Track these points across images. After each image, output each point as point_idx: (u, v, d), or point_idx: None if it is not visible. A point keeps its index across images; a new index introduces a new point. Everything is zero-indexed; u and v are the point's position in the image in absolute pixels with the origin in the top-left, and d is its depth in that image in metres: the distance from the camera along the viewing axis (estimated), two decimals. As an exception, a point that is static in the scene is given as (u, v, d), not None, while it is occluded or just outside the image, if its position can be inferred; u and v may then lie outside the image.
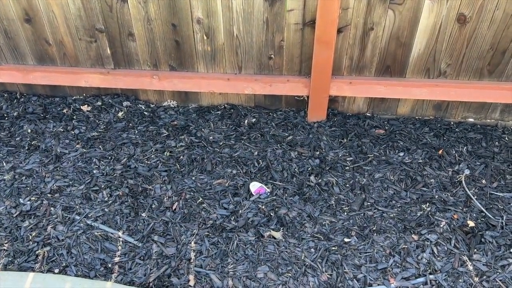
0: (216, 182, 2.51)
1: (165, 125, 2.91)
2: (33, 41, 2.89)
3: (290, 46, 2.70)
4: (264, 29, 2.64)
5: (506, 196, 2.42)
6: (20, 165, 2.61)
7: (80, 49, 2.89)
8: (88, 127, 2.89)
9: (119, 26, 2.75)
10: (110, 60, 2.92)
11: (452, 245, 2.17)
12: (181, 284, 2.04)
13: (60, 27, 2.80)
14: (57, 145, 2.74)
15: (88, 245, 2.20)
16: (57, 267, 2.12)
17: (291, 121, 2.92)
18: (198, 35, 2.72)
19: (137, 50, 2.84)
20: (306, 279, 2.05)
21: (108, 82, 2.98)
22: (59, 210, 2.35)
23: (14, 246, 2.19)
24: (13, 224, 2.29)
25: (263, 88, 2.84)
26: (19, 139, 2.80)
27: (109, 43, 2.83)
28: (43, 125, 2.91)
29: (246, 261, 2.13)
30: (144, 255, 2.16)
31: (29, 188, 2.47)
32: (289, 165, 2.60)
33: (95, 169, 2.59)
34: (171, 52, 2.82)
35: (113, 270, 2.11)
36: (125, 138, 2.80)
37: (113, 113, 3.00)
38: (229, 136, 2.81)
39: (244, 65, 2.82)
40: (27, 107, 3.07)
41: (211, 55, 2.79)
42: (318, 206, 2.37)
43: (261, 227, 2.26)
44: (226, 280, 2.06)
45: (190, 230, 2.27)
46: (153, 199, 2.42)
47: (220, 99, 3.05)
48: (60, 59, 2.96)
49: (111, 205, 2.38)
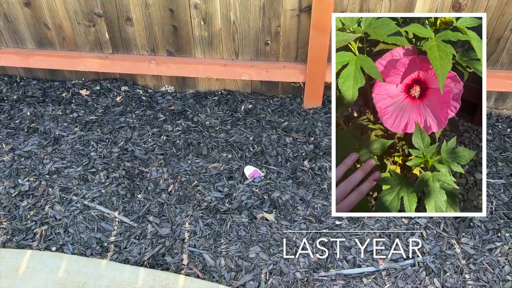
0: (211, 166, 2.56)
1: (162, 109, 2.95)
2: (33, 25, 2.92)
3: (286, 32, 2.72)
4: (261, 14, 2.66)
5: (496, 182, 2.45)
6: (19, 147, 2.65)
7: (79, 33, 2.91)
8: (86, 111, 2.93)
9: (117, 11, 2.77)
10: (108, 45, 2.95)
11: (441, 229, 2.21)
12: (175, 263, 2.09)
13: (59, 11, 2.82)
14: (55, 128, 2.78)
15: (85, 225, 2.25)
16: (54, 245, 2.17)
17: (287, 107, 2.95)
18: (195, 21, 2.74)
19: (135, 35, 2.87)
20: (297, 259, 2.10)
21: (107, 67, 3.01)
22: (57, 191, 2.40)
23: (12, 225, 2.24)
24: (12, 204, 2.34)
25: (259, 74, 2.86)
26: (18, 122, 2.84)
27: (107, 27, 2.86)
28: (42, 108, 2.95)
29: (239, 241, 2.17)
30: (139, 235, 2.21)
31: (27, 169, 2.52)
32: (284, 150, 2.64)
33: (92, 151, 2.63)
34: (169, 37, 2.85)
35: (108, 249, 2.16)
36: (123, 122, 2.84)
37: (111, 97, 3.04)
38: (225, 122, 2.85)
39: (241, 51, 2.84)
40: (27, 90, 3.10)
41: (208, 40, 2.82)
42: (311, 190, 2.41)
43: (254, 209, 2.31)
44: (219, 259, 2.11)
45: (184, 212, 2.31)
46: (149, 181, 2.47)
47: (218, 85, 3.08)
48: (59, 43, 2.99)
49: (107, 187, 2.43)
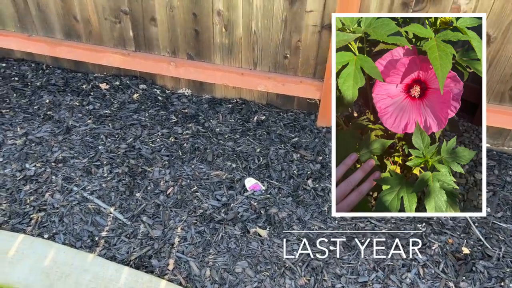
0: (214, 173, 2.53)
1: (175, 111, 2.95)
2: (62, 16, 3.00)
3: (306, 47, 2.68)
4: (282, 27, 2.63)
5: (509, 227, 2.31)
6: (32, 132, 2.72)
7: (105, 28, 2.97)
8: (102, 104, 2.98)
9: (142, 10, 2.81)
10: (131, 42, 3.00)
11: (440, 269, 2.09)
12: (160, 266, 2.07)
13: (88, 5, 2.89)
14: (70, 117, 2.84)
15: (80, 217, 2.26)
16: (47, 233, 2.19)
17: (300, 123, 2.89)
18: (217, 27, 2.74)
19: (158, 36, 2.90)
20: (283, 280, 2.03)
21: (128, 64, 3.05)
22: (59, 179, 2.44)
23: (11, 207, 2.29)
24: (15, 187, 2.39)
25: (275, 87, 2.83)
26: (36, 108, 2.92)
27: (132, 25, 2.90)
28: (61, 97, 3.02)
29: (228, 254, 2.13)
30: (130, 233, 2.21)
31: (36, 154, 2.57)
32: (289, 166, 2.58)
33: (100, 145, 2.66)
34: (190, 40, 2.86)
35: (98, 244, 2.16)
36: (135, 120, 2.86)
37: (128, 94, 3.07)
38: (235, 130, 2.82)
39: (260, 62, 2.82)
40: (50, 78, 3.19)
41: (228, 48, 2.81)
42: (310, 210, 2.34)
43: (249, 223, 2.26)
44: (205, 269, 2.07)
45: (179, 216, 2.29)
46: (150, 181, 2.47)
47: (234, 93, 3.07)
48: (86, 36, 3.06)
49: (108, 181, 2.44)
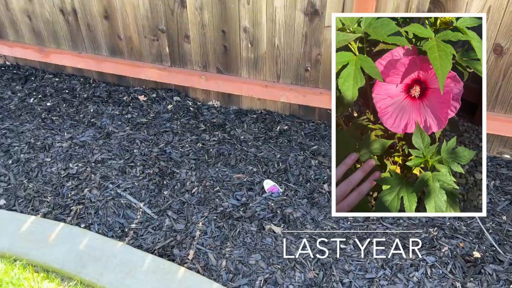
0: (236, 176, 2.72)
1: (205, 121, 3.19)
2: (108, 35, 3.36)
3: (326, 60, 2.85)
4: (303, 42, 2.83)
5: (524, 235, 2.31)
6: (77, 137, 3.04)
7: (144, 45, 3.30)
8: (139, 114, 3.28)
9: (177, 29, 3.11)
10: (167, 58, 3.29)
11: (448, 270, 2.14)
12: (181, 256, 2.26)
13: (130, 25, 3.23)
14: (110, 124, 3.15)
15: (113, 210, 2.51)
16: (84, 223, 2.45)
17: (320, 132, 3.04)
18: (243, 43, 2.98)
19: (191, 51, 3.18)
20: (294, 273, 2.15)
21: (164, 78, 3.35)
22: (97, 178, 2.71)
23: (55, 200, 2.57)
24: (59, 183, 2.68)
25: (297, 98, 3.01)
26: (82, 116, 3.25)
27: (168, 42, 3.21)
28: (104, 107, 3.35)
29: (243, 247, 2.29)
30: (156, 226, 2.42)
31: (79, 156, 2.88)
32: (307, 171, 2.72)
33: (136, 148, 2.93)
34: (219, 56, 3.11)
35: (128, 234, 2.39)
36: (168, 127, 3.12)
37: (163, 105, 3.36)
38: (258, 138, 3.01)
39: (282, 75, 3.02)
40: (96, 91, 3.54)
41: (254, 62, 3.04)
42: (324, 211, 2.46)
43: (265, 221, 2.41)
44: (221, 260, 2.23)
45: (201, 213, 2.48)
46: (177, 181, 2.69)
47: (259, 104, 3.27)
48: (128, 53, 3.40)
49: (140, 180, 2.69)
